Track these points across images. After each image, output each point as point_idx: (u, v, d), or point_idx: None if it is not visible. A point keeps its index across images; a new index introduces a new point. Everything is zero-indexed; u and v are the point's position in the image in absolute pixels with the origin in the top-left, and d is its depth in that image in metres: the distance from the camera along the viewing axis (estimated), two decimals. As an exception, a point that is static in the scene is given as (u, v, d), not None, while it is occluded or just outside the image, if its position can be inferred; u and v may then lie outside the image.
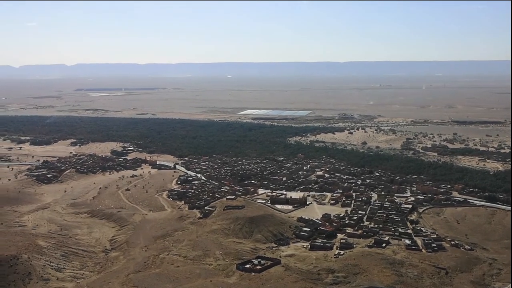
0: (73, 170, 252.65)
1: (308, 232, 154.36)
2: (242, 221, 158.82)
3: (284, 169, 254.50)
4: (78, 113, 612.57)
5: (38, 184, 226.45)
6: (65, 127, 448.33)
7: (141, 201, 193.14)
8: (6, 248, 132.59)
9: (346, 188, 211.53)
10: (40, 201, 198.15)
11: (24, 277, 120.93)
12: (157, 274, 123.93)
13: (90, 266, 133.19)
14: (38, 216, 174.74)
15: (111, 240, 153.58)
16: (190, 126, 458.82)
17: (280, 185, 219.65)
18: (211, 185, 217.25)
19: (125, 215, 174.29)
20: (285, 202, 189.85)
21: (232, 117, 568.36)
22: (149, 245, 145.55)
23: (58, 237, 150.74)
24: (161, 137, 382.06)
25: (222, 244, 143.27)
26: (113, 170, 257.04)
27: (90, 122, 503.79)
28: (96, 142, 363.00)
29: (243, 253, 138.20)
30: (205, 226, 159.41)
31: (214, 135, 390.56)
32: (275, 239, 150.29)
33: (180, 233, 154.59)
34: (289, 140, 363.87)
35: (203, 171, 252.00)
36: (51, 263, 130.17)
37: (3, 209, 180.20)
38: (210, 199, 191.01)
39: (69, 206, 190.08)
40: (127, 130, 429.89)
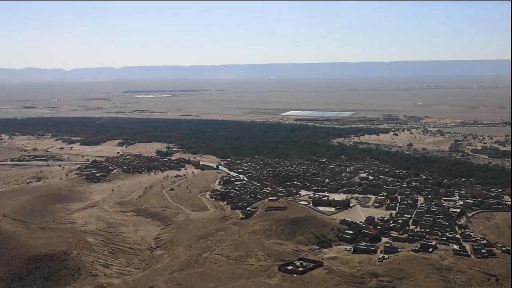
0: (120, 169, 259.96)
1: (351, 235, 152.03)
2: (284, 223, 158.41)
3: (326, 171, 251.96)
4: (125, 114, 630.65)
5: (88, 183, 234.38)
6: (112, 128, 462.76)
7: (185, 201, 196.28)
8: (58, 244, 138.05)
9: (391, 191, 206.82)
10: (89, 199, 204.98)
11: (74, 272, 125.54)
12: (200, 273, 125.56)
13: (136, 263, 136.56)
14: (87, 214, 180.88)
15: (156, 239, 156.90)
16: (233, 127, 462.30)
17: (323, 187, 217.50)
18: (253, 186, 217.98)
19: (169, 214, 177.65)
20: (328, 204, 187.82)
21: (275, 118, 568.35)
22: (192, 244, 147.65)
23: (106, 235, 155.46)
24: (204, 138, 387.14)
25: (264, 245, 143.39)
26: (158, 170, 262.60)
27: (136, 123, 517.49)
28: (142, 142, 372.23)
29: (285, 254, 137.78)
30: (247, 227, 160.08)
31: (257, 136, 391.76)
32: (317, 241, 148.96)
33: (223, 233, 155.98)
34: (332, 142, 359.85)
35: (245, 172, 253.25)
36: (99, 259, 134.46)
37: (55, 206, 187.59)
38: (252, 200, 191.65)
39: (116, 205, 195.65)
40: (171, 131, 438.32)
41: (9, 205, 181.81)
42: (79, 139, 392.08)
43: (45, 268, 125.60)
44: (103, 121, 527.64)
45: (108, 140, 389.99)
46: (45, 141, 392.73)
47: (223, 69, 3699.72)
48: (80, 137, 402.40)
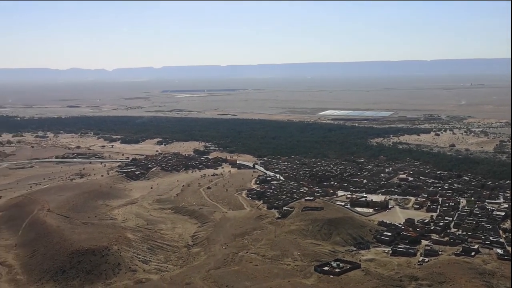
0: (158, 167, 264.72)
1: (390, 236, 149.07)
2: (320, 223, 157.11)
3: (365, 171, 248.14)
4: (163, 114, 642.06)
5: (127, 180, 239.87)
6: (151, 127, 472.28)
7: (221, 199, 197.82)
8: (99, 239, 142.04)
9: (432, 192, 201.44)
10: (129, 196, 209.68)
11: (114, 267, 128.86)
12: (236, 271, 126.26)
13: (174, 260, 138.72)
14: (127, 211, 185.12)
15: (193, 236, 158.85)
16: (270, 126, 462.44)
17: (361, 188, 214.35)
18: (290, 186, 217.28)
19: (206, 213, 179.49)
20: (366, 205, 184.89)
21: (312, 117, 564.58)
22: (228, 243, 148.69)
23: (145, 231, 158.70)
24: (241, 137, 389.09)
25: (300, 245, 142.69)
26: (195, 169, 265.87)
27: (174, 122, 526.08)
28: (180, 141, 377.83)
29: (322, 255, 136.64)
30: (283, 226, 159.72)
31: (293, 136, 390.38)
32: (354, 243, 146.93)
33: (259, 232, 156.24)
34: (371, 142, 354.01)
35: (282, 172, 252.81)
36: (138, 255, 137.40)
37: (96, 203, 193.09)
38: (288, 199, 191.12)
39: (154, 202, 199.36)
40: (209, 130, 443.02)
41: (53, 200, 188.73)
42: (120, 138, 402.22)
43: (87, 262, 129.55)
44: (142, 120, 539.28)
45: (147, 138, 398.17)
46: (87, 139, 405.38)
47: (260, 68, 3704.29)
48: (120, 136, 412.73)
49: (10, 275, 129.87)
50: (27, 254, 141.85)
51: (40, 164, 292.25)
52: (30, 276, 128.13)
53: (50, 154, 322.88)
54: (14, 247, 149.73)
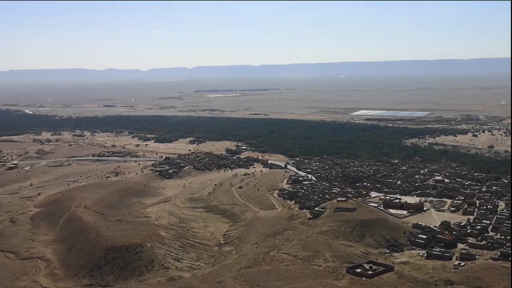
0: (191, 166, 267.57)
1: (425, 239, 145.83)
2: (353, 224, 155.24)
3: (399, 172, 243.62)
4: (196, 113, 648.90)
5: (161, 178, 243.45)
6: (184, 126, 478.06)
7: (253, 199, 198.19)
8: (133, 236, 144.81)
9: (469, 195, 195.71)
10: (162, 195, 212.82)
11: (147, 264, 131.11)
12: (267, 271, 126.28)
13: (205, 258, 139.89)
14: (160, 209, 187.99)
15: (225, 235, 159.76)
16: (302, 126, 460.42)
17: (394, 189, 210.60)
18: (322, 186, 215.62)
19: (238, 212, 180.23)
20: (400, 207, 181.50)
21: (344, 117, 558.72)
22: (260, 242, 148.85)
23: (177, 229, 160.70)
24: (273, 137, 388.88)
25: (332, 246, 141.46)
26: (227, 168, 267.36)
27: (207, 121, 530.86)
28: (212, 140, 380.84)
29: (354, 256, 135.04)
30: (315, 227, 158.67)
31: (326, 136, 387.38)
32: (387, 245, 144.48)
33: (290, 233, 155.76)
34: (405, 142, 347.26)
35: (314, 172, 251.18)
36: (171, 252, 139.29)
37: (130, 200, 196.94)
38: (320, 200, 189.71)
39: (187, 201, 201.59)
40: (241, 129, 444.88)
41: (90, 198, 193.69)
42: (154, 137, 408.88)
43: (122, 258, 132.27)
44: (176, 119, 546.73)
45: (180, 138, 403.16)
46: (122, 138, 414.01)
47: (292, 68, 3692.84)
48: (154, 135, 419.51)
49: (48, 269, 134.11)
50: (64, 249, 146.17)
51: (77, 162, 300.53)
52: (67, 271, 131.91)
53: (87, 153, 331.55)
54: (52, 242, 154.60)
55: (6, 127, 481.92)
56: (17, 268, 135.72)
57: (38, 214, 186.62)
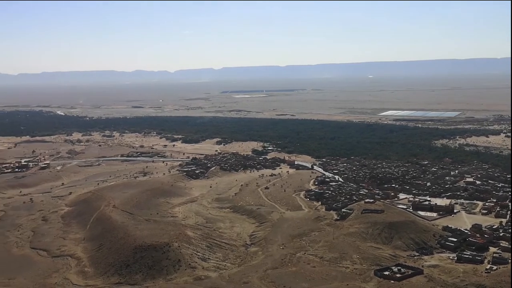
0: (217, 167, 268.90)
1: (455, 242, 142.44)
2: (381, 226, 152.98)
3: (428, 174, 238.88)
4: (223, 114, 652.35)
5: (188, 179, 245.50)
6: (211, 127, 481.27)
7: (279, 200, 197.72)
8: (160, 236, 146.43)
9: (502, 197, 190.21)
10: (189, 195, 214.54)
11: (174, 263, 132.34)
12: (294, 272, 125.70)
13: (232, 258, 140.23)
14: (187, 209, 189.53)
15: (251, 236, 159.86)
16: (328, 127, 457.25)
17: (424, 191, 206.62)
18: (349, 187, 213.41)
19: (264, 212, 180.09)
20: (429, 209, 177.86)
21: (372, 118, 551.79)
22: (286, 243, 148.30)
23: (204, 229, 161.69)
24: (299, 138, 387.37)
25: (360, 248, 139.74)
26: (253, 169, 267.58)
27: (233, 122, 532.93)
28: (238, 141, 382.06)
29: (382, 259, 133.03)
30: (342, 229, 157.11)
31: (353, 137, 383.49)
32: (417, 248, 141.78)
33: (317, 234, 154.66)
34: (435, 143, 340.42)
35: (341, 173, 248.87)
36: (197, 252, 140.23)
37: (158, 200, 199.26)
38: (347, 201, 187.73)
39: (213, 201, 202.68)
40: (267, 130, 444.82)
41: (118, 197, 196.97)
42: (181, 137, 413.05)
43: (149, 257, 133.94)
44: (202, 120, 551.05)
45: (207, 138, 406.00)
46: (150, 139, 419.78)
47: (319, 68, 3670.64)
48: (181, 135, 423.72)
49: (78, 267, 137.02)
50: (94, 248, 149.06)
51: (106, 162, 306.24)
52: (97, 269, 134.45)
53: (116, 153, 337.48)
54: (82, 241, 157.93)
55: (39, 128, 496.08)
56: (49, 265, 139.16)
57: (69, 213, 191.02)
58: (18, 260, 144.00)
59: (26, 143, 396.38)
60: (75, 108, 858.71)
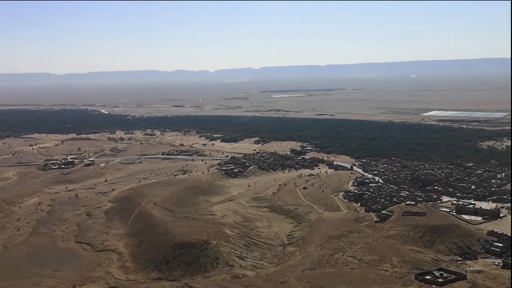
0: (256, 166, 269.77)
1: (501, 248, 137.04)
2: (422, 229, 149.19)
3: (473, 176, 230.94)
4: (261, 113, 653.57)
5: (226, 177, 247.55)
6: (250, 126, 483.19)
7: (317, 200, 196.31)
8: (199, 233, 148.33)
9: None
10: (227, 194, 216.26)
11: (212, 261, 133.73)
12: (332, 273, 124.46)
13: (269, 258, 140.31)
14: (225, 207, 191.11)
15: (289, 235, 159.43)
16: (369, 127, 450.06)
17: (468, 194, 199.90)
18: (389, 189, 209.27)
19: (302, 213, 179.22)
20: (474, 213, 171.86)
21: (415, 118, 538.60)
22: (324, 244, 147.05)
23: (242, 228, 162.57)
24: (338, 138, 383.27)
25: (400, 251, 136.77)
26: (292, 169, 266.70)
27: (272, 122, 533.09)
28: (277, 141, 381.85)
29: (423, 263, 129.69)
30: (382, 231, 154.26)
31: (394, 137, 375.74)
32: (460, 252, 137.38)
33: (356, 235, 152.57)
34: (481, 145, 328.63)
35: (381, 174, 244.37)
36: (235, 251, 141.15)
37: (197, 198, 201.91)
38: (387, 203, 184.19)
39: (251, 200, 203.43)
40: (306, 130, 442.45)
41: (159, 194, 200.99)
42: (220, 136, 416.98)
43: (188, 254, 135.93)
44: (241, 119, 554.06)
45: (245, 138, 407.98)
46: (190, 138, 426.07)
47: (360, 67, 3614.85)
48: (220, 135, 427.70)
49: (120, 262, 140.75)
50: (135, 243, 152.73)
51: (148, 160, 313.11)
52: (138, 264, 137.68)
53: (157, 151, 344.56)
54: (124, 236, 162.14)
55: (84, 126, 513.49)
56: (92, 259, 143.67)
57: (111, 208, 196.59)
58: (63, 253, 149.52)
59: (72, 141, 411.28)
60: (118, 107, 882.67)
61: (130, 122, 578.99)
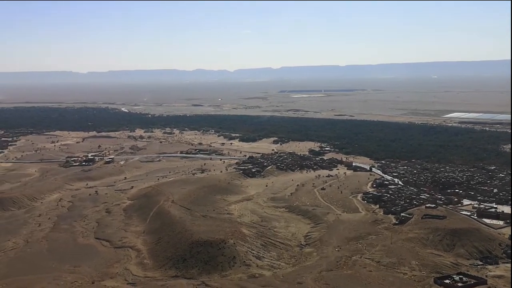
0: (274, 166, 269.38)
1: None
2: (442, 232, 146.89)
3: (495, 180, 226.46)
4: (280, 113, 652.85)
5: (244, 177, 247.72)
6: (268, 126, 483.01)
7: (335, 201, 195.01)
8: (216, 232, 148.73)
9: None
10: (245, 193, 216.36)
11: (229, 260, 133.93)
12: (349, 275, 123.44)
13: (286, 258, 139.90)
14: (242, 207, 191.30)
15: (306, 236, 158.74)
16: (389, 128, 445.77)
17: (490, 197, 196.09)
18: (409, 191, 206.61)
19: (320, 213, 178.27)
20: (495, 217, 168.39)
21: (436, 120, 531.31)
22: (342, 246, 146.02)
23: (259, 228, 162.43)
24: (358, 139, 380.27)
25: (419, 254, 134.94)
26: (310, 169, 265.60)
27: (290, 122, 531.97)
28: (295, 141, 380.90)
29: (442, 266, 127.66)
30: (401, 233, 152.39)
31: (414, 139, 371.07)
32: (480, 256, 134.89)
33: (374, 237, 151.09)
34: (503, 148, 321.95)
35: (401, 176, 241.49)
36: (252, 250, 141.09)
37: (215, 197, 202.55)
38: (407, 205, 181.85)
39: (269, 200, 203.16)
40: (324, 130, 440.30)
41: (177, 193, 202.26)
42: (238, 136, 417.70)
43: (205, 253, 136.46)
44: (260, 119, 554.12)
45: (264, 137, 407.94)
46: (209, 137, 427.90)
47: (380, 68, 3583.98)
48: (239, 134, 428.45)
49: (138, 259, 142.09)
50: (153, 241, 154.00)
51: (166, 158, 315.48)
52: (156, 261, 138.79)
53: (176, 150, 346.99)
54: (142, 233, 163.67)
55: (105, 124, 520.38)
56: (111, 255, 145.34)
57: (130, 206, 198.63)
58: (83, 249, 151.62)
59: (93, 138, 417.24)
60: (138, 105, 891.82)
61: (150, 120, 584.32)
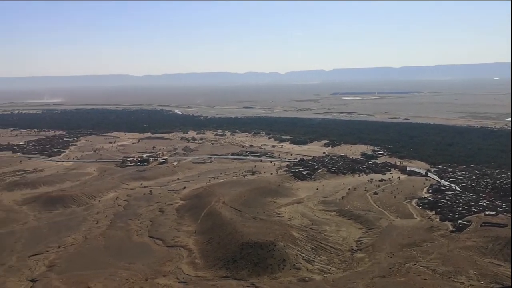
0: (325, 169, 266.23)
1: None
2: (503, 241, 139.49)
3: None
4: (332, 116, 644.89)
5: (294, 180, 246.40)
6: (320, 129, 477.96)
7: (388, 206, 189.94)
8: (266, 234, 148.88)
9: None
10: (295, 196, 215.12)
11: (279, 262, 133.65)
12: (402, 282, 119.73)
13: (337, 262, 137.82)
14: (293, 209, 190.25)
15: (357, 241, 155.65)
16: (446, 132, 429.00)
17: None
18: (467, 198, 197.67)
19: (372, 218, 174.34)
20: None
21: (497, 123, 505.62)
22: (395, 252, 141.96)
23: (309, 231, 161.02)
24: (413, 142, 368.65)
25: (477, 264, 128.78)
26: (362, 173, 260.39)
27: (342, 124, 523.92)
28: (347, 144, 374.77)
29: (502, 277, 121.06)
30: (458, 241, 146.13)
31: (474, 143, 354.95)
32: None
33: (429, 245, 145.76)
34: None
35: (458, 181, 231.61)
36: (302, 253, 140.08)
37: (265, 199, 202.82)
38: (465, 212, 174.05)
39: (320, 203, 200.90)
40: (378, 133, 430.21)
41: (228, 194, 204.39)
42: (289, 138, 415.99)
43: (255, 255, 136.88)
44: (311, 122, 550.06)
45: (315, 140, 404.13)
46: (259, 139, 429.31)
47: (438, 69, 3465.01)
48: (290, 136, 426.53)
49: (190, 258, 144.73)
50: (204, 241, 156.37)
51: (218, 159, 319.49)
52: (206, 261, 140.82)
53: (227, 151, 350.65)
54: (194, 233, 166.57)
55: (159, 126, 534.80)
56: (164, 254, 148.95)
57: (182, 206, 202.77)
58: (137, 247, 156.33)
59: (148, 139, 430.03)
60: (191, 107, 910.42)
61: (202, 122, 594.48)
